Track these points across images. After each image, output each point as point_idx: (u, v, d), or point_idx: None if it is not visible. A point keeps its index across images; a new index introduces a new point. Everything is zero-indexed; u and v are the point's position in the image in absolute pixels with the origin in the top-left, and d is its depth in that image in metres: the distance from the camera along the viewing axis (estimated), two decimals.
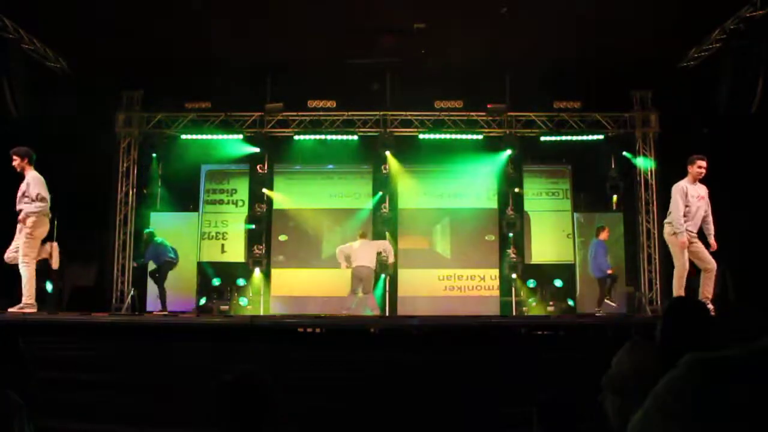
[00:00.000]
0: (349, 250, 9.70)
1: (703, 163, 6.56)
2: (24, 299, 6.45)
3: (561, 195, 11.54)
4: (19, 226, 6.71)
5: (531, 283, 10.74)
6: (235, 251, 11.40)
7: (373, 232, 10.89)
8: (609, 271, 9.51)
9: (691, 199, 6.54)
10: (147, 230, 9.95)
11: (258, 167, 11.16)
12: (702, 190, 6.67)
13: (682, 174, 6.73)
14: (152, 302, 10.52)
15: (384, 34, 9.21)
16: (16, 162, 6.81)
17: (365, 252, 9.62)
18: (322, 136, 10.99)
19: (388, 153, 10.99)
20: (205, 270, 11.08)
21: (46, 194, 6.72)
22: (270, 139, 11.08)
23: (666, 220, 6.74)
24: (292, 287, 11.28)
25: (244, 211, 11.42)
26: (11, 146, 8.66)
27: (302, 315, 9.47)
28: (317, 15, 8.55)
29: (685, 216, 6.48)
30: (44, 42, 9.47)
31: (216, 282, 10.83)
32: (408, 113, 11.05)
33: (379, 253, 9.93)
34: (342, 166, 11.45)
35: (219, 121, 11.06)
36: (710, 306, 6.63)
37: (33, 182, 6.69)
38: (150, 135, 11.08)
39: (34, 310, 6.50)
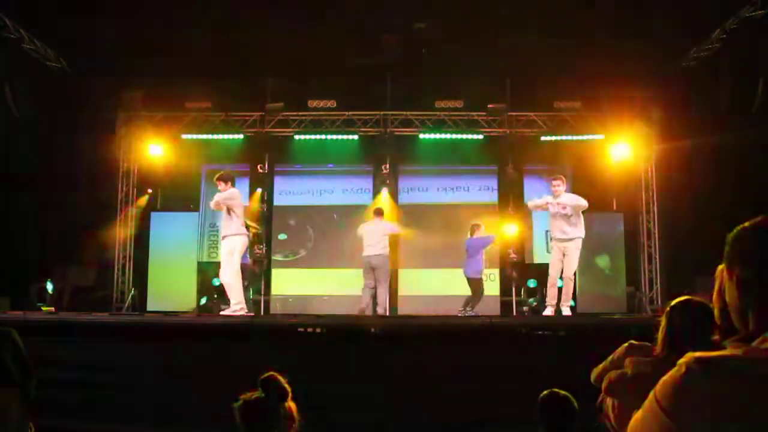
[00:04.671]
0: (362, 231, 8.86)
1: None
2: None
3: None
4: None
5: (531, 283, 10.73)
6: None
7: None
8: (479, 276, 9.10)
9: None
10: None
11: (258, 167, 11.16)
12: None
13: (682, 174, 6.75)
14: (152, 302, 10.53)
15: (384, 34, 9.21)
16: (221, 187, 7.65)
17: (377, 235, 8.73)
18: (323, 136, 11.00)
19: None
20: (205, 270, 11.07)
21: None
22: (270, 138, 11.09)
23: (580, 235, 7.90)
24: (292, 287, 11.29)
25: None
26: (11, 146, 8.69)
27: (302, 315, 9.47)
28: (317, 15, 8.55)
29: None
30: (44, 42, 9.47)
31: (216, 282, 10.81)
32: (408, 113, 11.05)
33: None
34: (342, 165, 11.44)
35: (219, 121, 11.05)
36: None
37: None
38: (150, 135, 11.07)
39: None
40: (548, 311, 7.91)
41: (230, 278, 7.51)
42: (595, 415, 2.73)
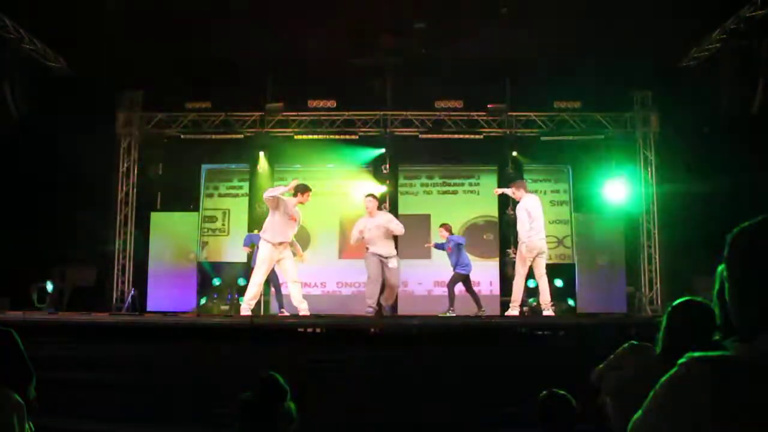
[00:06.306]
0: (362, 226, 7.75)
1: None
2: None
3: (561, 195, 11.52)
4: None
5: (531, 283, 10.71)
6: (236, 251, 11.38)
7: None
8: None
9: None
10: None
11: (258, 167, 11.16)
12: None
13: (682, 174, 6.75)
14: (152, 302, 10.52)
15: (384, 34, 9.21)
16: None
17: (379, 232, 7.67)
18: (323, 136, 10.99)
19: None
20: (205, 270, 11.07)
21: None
22: (270, 138, 11.09)
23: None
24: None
25: (244, 209, 11.41)
26: (11, 146, 8.69)
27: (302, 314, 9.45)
28: (317, 15, 8.55)
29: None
30: (44, 42, 9.47)
31: (216, 282, 10.82)
32: (408, 113, 11.05)
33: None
34: (342, 165, 11.44)
35: (219, 121, 11.05)
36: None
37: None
38: (150, 135, 11.08)
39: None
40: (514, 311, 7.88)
41: (252, 279, 7.25)
42: (596, 415, 2.73)
